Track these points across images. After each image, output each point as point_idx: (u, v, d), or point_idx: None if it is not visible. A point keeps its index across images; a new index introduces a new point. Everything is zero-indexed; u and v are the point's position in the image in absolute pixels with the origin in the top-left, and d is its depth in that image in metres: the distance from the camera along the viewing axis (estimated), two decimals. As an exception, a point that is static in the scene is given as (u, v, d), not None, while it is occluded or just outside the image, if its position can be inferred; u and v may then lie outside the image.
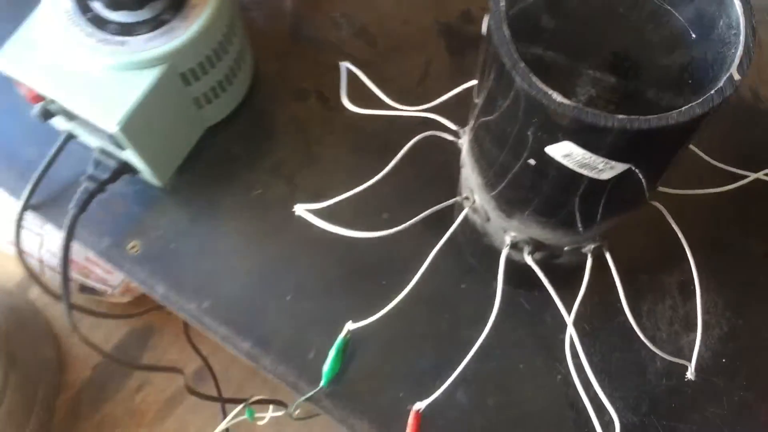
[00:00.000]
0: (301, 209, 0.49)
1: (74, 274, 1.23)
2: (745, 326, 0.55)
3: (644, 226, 0.54)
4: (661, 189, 0.47)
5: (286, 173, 0.60)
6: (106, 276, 1.24)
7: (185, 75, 0.52)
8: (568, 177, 0.36)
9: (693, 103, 0.31)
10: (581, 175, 0.35)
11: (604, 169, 0.34)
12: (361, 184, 0.50)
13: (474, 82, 0.41)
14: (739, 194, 0.53)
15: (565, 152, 0.34)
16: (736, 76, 0.32)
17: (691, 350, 0.50)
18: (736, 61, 0.32)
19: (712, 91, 0.32)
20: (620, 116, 0.31)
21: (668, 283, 0.56)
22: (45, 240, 1.24)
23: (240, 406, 0.68)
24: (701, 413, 0.53)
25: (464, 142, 0.46)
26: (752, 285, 0.56)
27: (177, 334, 0.90)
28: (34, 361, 1.24)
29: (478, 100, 0.39)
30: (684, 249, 0.48)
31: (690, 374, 0.50)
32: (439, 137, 0.49)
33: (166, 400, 1.34)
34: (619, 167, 0.34)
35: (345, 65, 0.55)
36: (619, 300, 0.47)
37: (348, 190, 0.49)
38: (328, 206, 0.49)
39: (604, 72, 0.44)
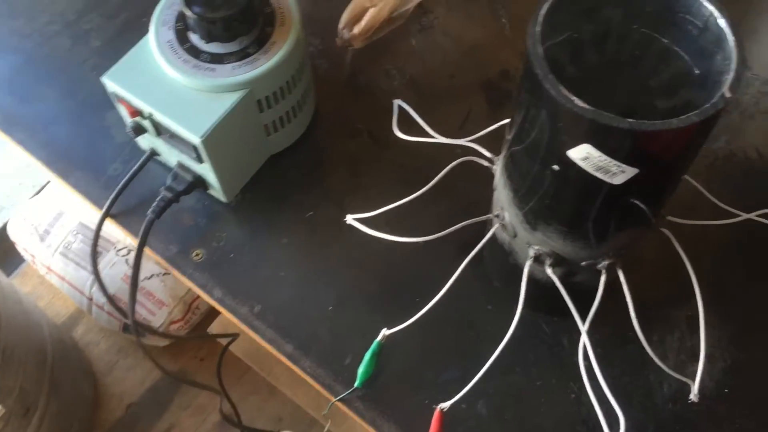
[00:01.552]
0: (351, 218, 0.56)
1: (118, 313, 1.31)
2: (748, 360, 0.60)
3: (655, 257, 0.60)
4: (670, 218, 0.54)
5: (335, 198, 0.67)
6: (149, 317, 1.31)
7: (261, 101, 0.61)
8: (586, 182, 0.43)
9: (691, 113, 0.39)
10: (598, 182, 0.42)
11: (617, 172, 0.41)
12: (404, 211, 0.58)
13: (508, 120, 0.49)
14: (740, 232, 0.59)
15: (583, 154, 0.41)
16: (728, 94, 0.39)
17: (695, 381, 0.55)
18: (728, 82, 0.40)
19: (708, 105, 0.39)
20: (630, 119, 0.39)
21: (677, 316, 0.61)
22: (91, 280, 1.32)
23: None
24: (704, 437, 0.57)
25: (497, 167, 0.54)
26: (754, 319, 0.62)
27: (209, 380, 0.98)
28: (72, 395, 1.30)
29: (512, 127, 0.47)
30: (692, 282, 0.54)
31: (693, 396, 0.55)
32: (476, 163, 0.57)
33: (195, 441, 1.39)
34: (630, 171, 0.41)
35: (398, 102, 0.63)
36: (631, 328, 0.52)
37: (390, 216, 0.57)
38: (374, 217, 0.57)
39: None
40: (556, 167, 0.44)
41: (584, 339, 0.53)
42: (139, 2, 0.78)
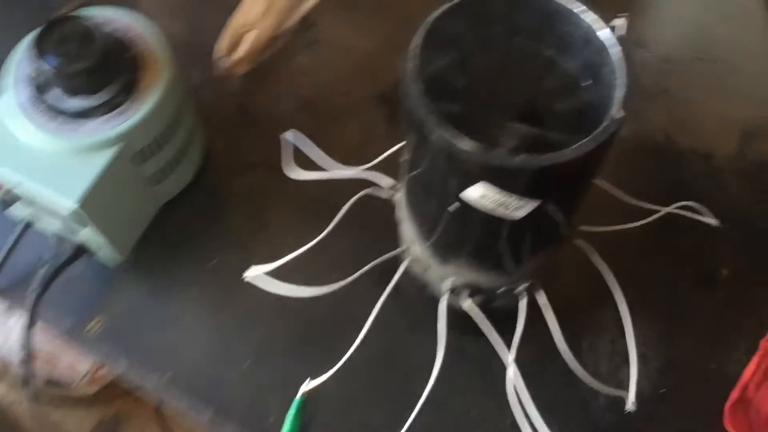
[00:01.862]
0: (250, 275, 0.52)
1: (40, 367, 1.23)
2: (679, 354, 0.59)
3: (575, 266, 0.58)
4: (583, 228, 0.52)
5: (238, 242, 0.63)
6: (74, 364, 1.24)
7: (138, 155, 0.56)
8: (489, 218, 0.40)
9: (584, 140, 0.36)
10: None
11: (517, 207, 0.39)
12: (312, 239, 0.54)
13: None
14: (659, 228, 0.57)
15: (479, 194, 0.38)
16: (617, 115, 0.37)
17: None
18: (619, 101, 0.37)
19: (600, 129, 0.36)
20: (520, 157, 0.36)
21: (605, 318, 0.60)
22: (11, 335, 1.24)
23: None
24: (649, 446, 0.56)
25: (399, 198, 0.51)
26: (684, 316, 0.61)
27: (147, 421, 0.92)
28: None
29: (406, 157, 0.44)
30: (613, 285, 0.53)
31: (630, 405, 0.53)
32: (377, 196, 0.53)
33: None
34: (531, 204, 0.38)
35: (286, 136, 0.59)
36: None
37: (298, 260, 0.53)
38: (278, 269, 0.53)
39: (521, 122, 0.50)
40: (455, 206, 0.41)
41: (510, 372, 0.50)
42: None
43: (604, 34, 0.39)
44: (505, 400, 0.56)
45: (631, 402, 0.53)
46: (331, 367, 0.54)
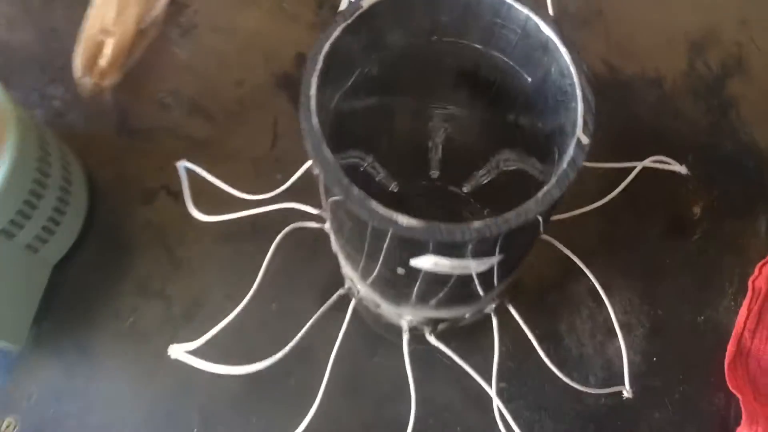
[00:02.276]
0: (174, 354, 0.43)
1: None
2: (665, 314, 0.54)
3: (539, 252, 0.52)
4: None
5: (154, 289, 0.54)
6: None
7: (4, 231, 0.45)
8: (442, 276, 0.32)
9: (549, 186, 0.28)
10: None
11: (476, 266, 0.31)
12: (238, 276, 0.46)
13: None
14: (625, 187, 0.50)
15: (432, 263, 0.30)
16: (584, 140, 0.29)
17: (620, 356, 0.48)
18: (579, 120, 0.29)
19: (564, 165, 0.28)
20: (476, 224, 0.28)
21: (578, 293, 0.54)
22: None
23: None
24: (647, 421, 0.51)
25: (330, 229, 0.42)
26: (662, 270, 0.55)
27: None
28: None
29: (328, 210, 0.35)
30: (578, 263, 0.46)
31: (627, 393, 0.48)
32: (306, 227, 0.45)
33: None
34: (491, 260, 0.31)
35: (182, 165, 0.49)
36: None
37: (225, 287, 0.45)
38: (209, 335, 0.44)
39: (453, 105, 0.41)
40: (401, 271, 0.33)
41: (495, 403, 0.44)
42: None
43: (548, 28, 0.30)
44: (487, 409, 0.51)
45: (628, 391, 0.48)
46: (298, 412, 0.47)
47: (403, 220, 0.28)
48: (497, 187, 0.46)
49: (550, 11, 0.30)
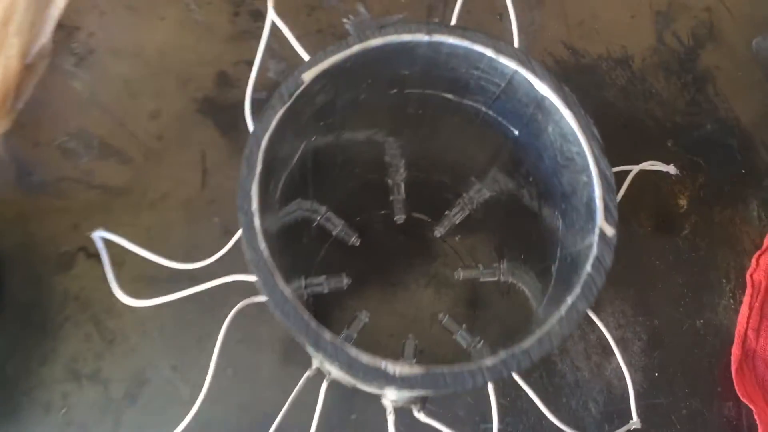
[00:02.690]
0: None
1: None
2: (662, 323, 0.49)
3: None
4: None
5: (87, 370, 0.47)
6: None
7: None
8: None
9: (574, 298, 0.22)
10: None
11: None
12: (184, 342, 0.42)
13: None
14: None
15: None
16: (609, 231, 0.23)
17: (619, 377, 0.44)
18: (598, 204, 0.23)
19: (588, 268, 0.22)
20: (489, 363, 0.22)
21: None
22: None
23: None
24: (656, 444, 0.47)
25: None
26: (653, 273, 0.50)
27: None
28: None
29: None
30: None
31: (636, 425, 0.43)
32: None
33: None
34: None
35: (99, 236, 0.41)
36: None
37: (170, 357, 0.40)
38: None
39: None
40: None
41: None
42: None
43: (542, 87, 0.24)
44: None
45: (634, 422, 0.44)
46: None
47: (395, 369, 0.21)
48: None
49: (516, 43, 0.24)
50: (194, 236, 0.48)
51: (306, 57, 0.29)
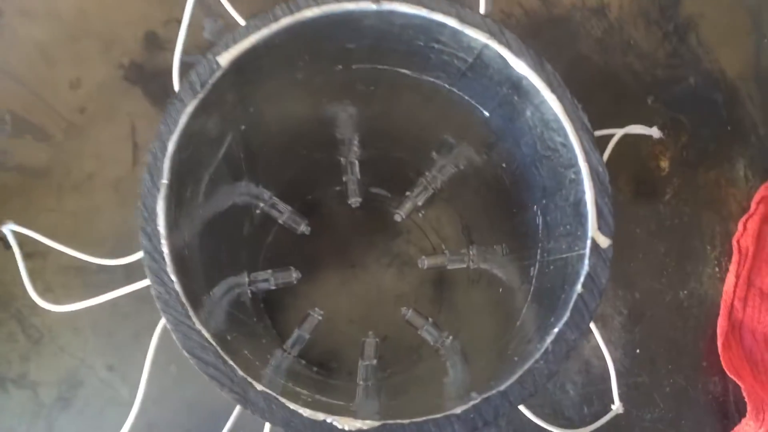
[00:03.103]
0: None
1: None
2: (643, 296, 0.45)
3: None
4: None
5: (12, 374, 0.42)
6: None
7: None
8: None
9: (560, 326, 0.18)
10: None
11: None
12: (119, 339, 0.39)
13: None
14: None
15: None
16: (604, 242, 0.18)
17: (599, 356, 0.41)
18: (589, 208, 0.18)
19: (579, 287, 0.18)
20: (460, 412, 0.17)
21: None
22: None
23: None
24: (638, 426, 0.44)
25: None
26: (629, 243, 0.46)
27: None
28: None
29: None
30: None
31: (618, 409, 0.40)
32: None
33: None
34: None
35: (8, 229, 0.36)
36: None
37: (105, 356, 0.38)
38: None
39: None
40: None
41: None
42: None
43: (519, 65, 0.19)
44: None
45: (617, 406, 0.40)
46: None
47: (343, 425, 0.17)
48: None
49: (482, 5, 0.19)
50: (127, 221, 0.43)
51: (241, 21, 0.23)
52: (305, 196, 0.40)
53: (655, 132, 0.42)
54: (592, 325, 0.39)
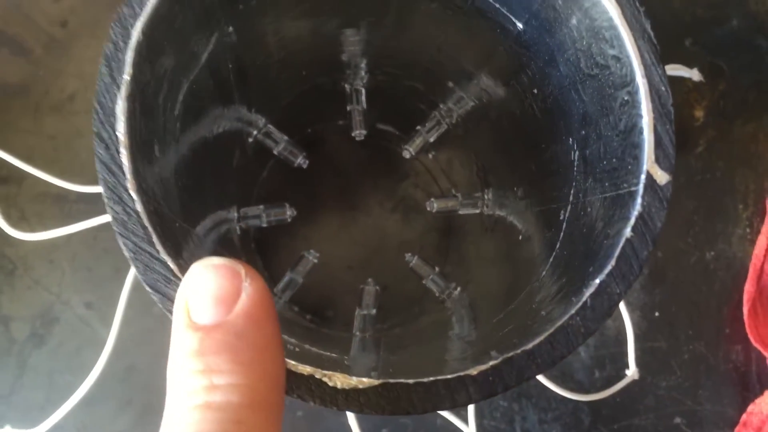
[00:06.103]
0: None
1: None
2: (666, 254, 0.42)
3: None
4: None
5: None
6: None
7: None
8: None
9: (602, 277, 0.15)
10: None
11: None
12: (99, 274, 0.36)
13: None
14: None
15: None
16: (663, 178, 0.15)
17: (614, 316, 0.38)
18: (646, 138, 0.15)
19: (611, 265, 0.15)
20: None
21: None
22: None
23: None
24: (653, 393, 0.41)
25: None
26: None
27: None
28: None
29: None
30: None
31: (633, 375, 0.38)
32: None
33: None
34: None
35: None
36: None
37: (84, 293, 0.36)
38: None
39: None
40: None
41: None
42: None
43: None
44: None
45: (632, 371, 0.38)
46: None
47: (336, 382, 0.14)
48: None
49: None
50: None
51: None
52: (305, 128, 0.36)
53: (695, 74, 0.39)
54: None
